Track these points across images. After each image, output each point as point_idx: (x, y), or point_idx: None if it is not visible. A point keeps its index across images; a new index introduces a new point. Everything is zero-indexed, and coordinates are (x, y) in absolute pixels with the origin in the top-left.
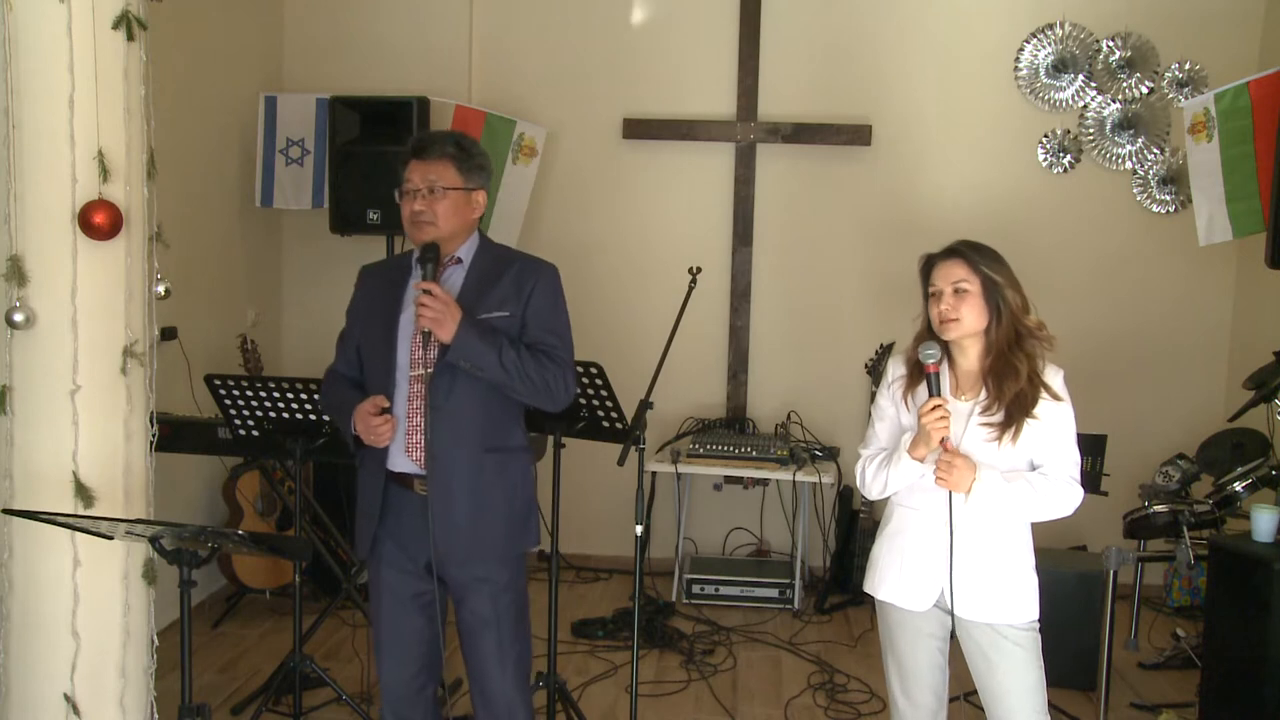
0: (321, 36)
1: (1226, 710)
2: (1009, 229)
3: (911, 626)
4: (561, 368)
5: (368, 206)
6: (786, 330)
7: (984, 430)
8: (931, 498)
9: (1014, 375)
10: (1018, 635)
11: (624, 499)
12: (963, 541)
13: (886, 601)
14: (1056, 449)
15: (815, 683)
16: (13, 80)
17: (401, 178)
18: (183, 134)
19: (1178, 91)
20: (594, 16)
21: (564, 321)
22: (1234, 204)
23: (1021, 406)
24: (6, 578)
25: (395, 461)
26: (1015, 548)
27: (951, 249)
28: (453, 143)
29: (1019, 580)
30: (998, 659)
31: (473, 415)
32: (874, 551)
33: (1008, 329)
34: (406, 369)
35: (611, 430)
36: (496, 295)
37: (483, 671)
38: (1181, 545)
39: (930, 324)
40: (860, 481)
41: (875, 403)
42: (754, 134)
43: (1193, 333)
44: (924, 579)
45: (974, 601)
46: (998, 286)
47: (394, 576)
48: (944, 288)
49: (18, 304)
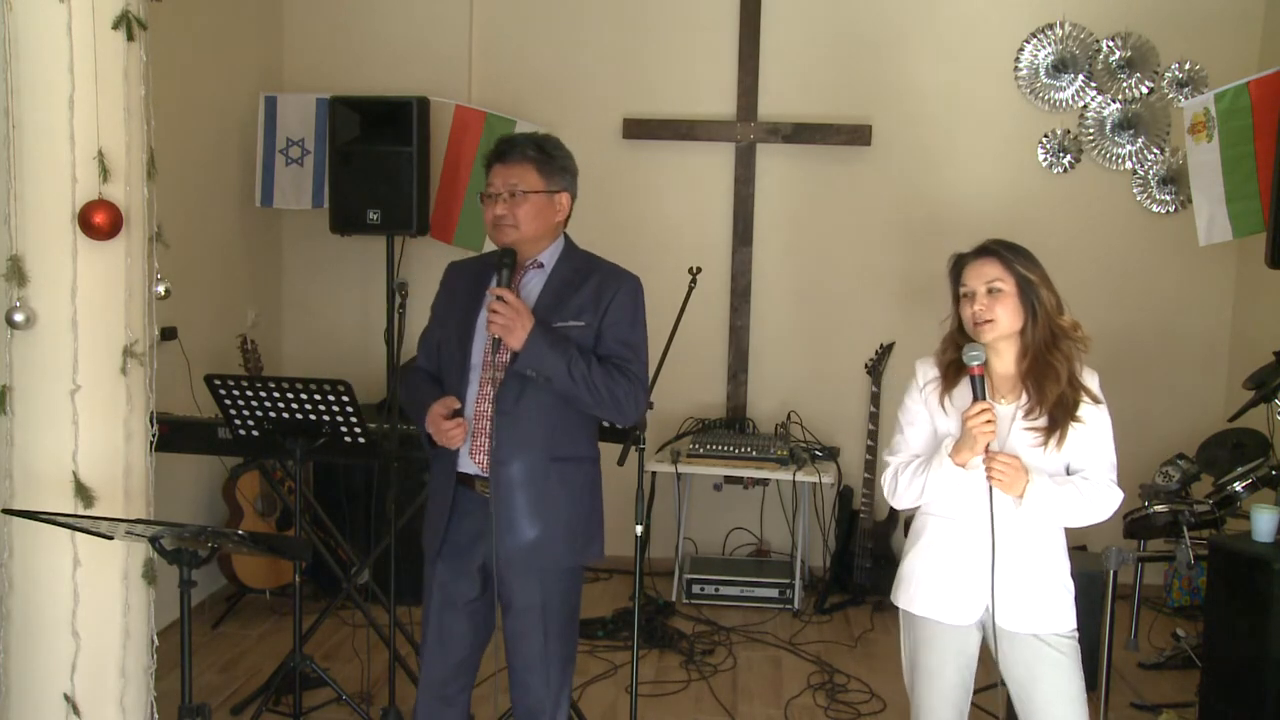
0: (321, 36)
1: (1226, 710)
2: (1009, 229)
3: (942, 643)
4: (633, 382)
5: (368, 206)
6: (786, 330)
7: (1029, 435)
8: (969, 507)
9: (1054, 377)
10: (1062, 644)
11: (624, 499)
12: (1005, 551)
13: (925, 617)
14: (1096, 452)
15: (815, 683)
16: (13, 80)
17: (483, 183)
18: (183, 134)
19: (1178, 91)
20: (594, 17)
21: (641, 335)
22: (1234, 204)
23: (1065, 410)
24: (6, 578)
25: (462, 463)
26: (1054, 554)
27: (984, 247)
28: (534, 145)
29: (1060, 587)
30: (1042, 670)
31: (540, 422)
32: (907, 564)
33: (1044, 330)
34: (479, 368)
35: (611, 430)
36: (575, 304)
37: (526, 678)
38: (1181, 545)
39: (961, 325)
40: (890, 490)
41: (903, 407)
42: (754, 134)
43: (1193, 333)
44: (967, 592)
45: (1018, 612)
46: (1033, 286)
47: (448, 576)
48: (977, 288)
49: (18, 304)
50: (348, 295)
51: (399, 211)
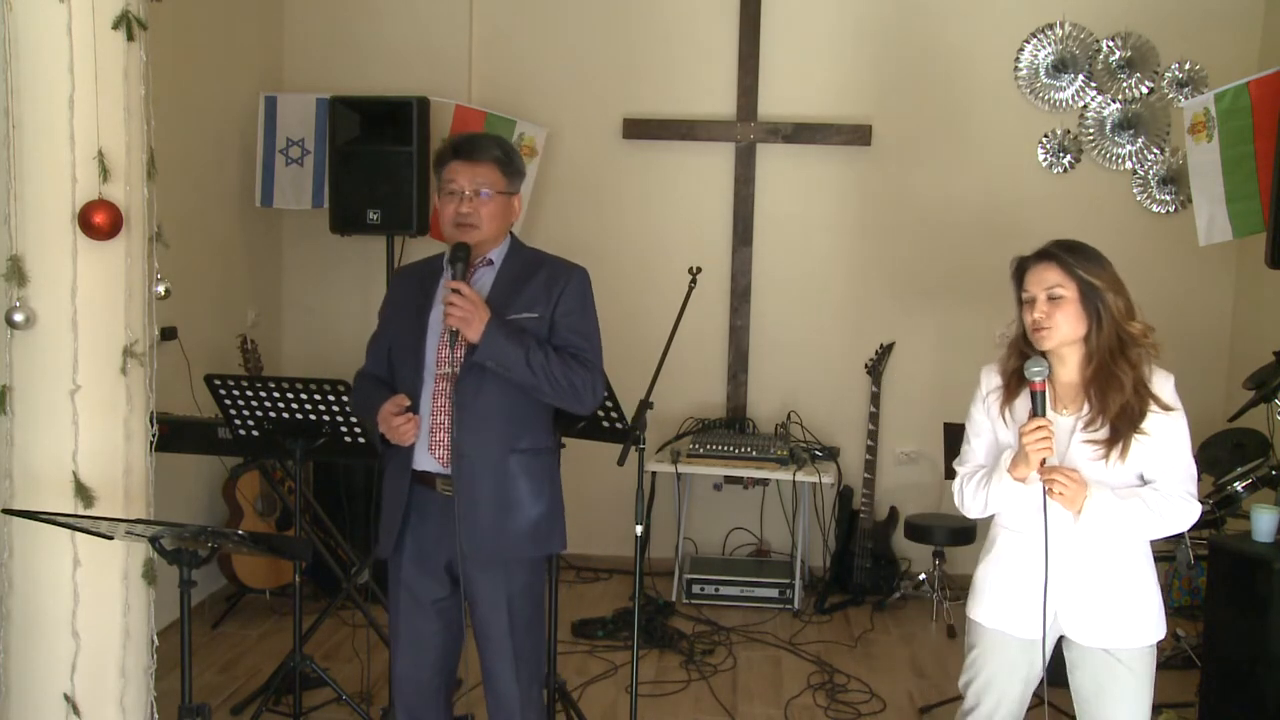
0: (321, 36)
1: (1226, 710)
2: (1009, 229)
3: (1011, 655)
4: (590, 370)
5: (368, 206)
6: (786, 330)
7: (1089, 448)
8: (1035, 519)
9: (1118, 387)
10: (1134, 660)
11: (624, 499)
12: (1075, 563)
13: (993, 629)
14: (1169, 463)
15: (815, 683)
16: (13, 80)
17: (440, 176)
18: (183, 134)
19: (1178, 91)
20: (594, 17)
21: (593, 324)
22: (1234, 204)
23: (1129, 420)
24: (6, 578)
25: (419, 460)
26: (1132, 566)
27: (1044, 251)
28: (498, 145)
29: (1138, 600)
30: (1110, 685)
31: (500, 415)
32: (978, 575)
33: (1109, 336)
34: (433, 367)
35: (611, 430)
36: (526, 296)
37: (496, 672)
38: (1181, 545)
39: (1025, 332)
40: (959, 500)
41: (969, 416)
42: (754, 134)
43: (1193, 333)
44: (1033, 604)
45: (1088, 626)
46: (1096, 290)
47: (414, 577)
48: (1038, 293)
49: (18, 304)
50: (348, 295)
51: (399, 211)
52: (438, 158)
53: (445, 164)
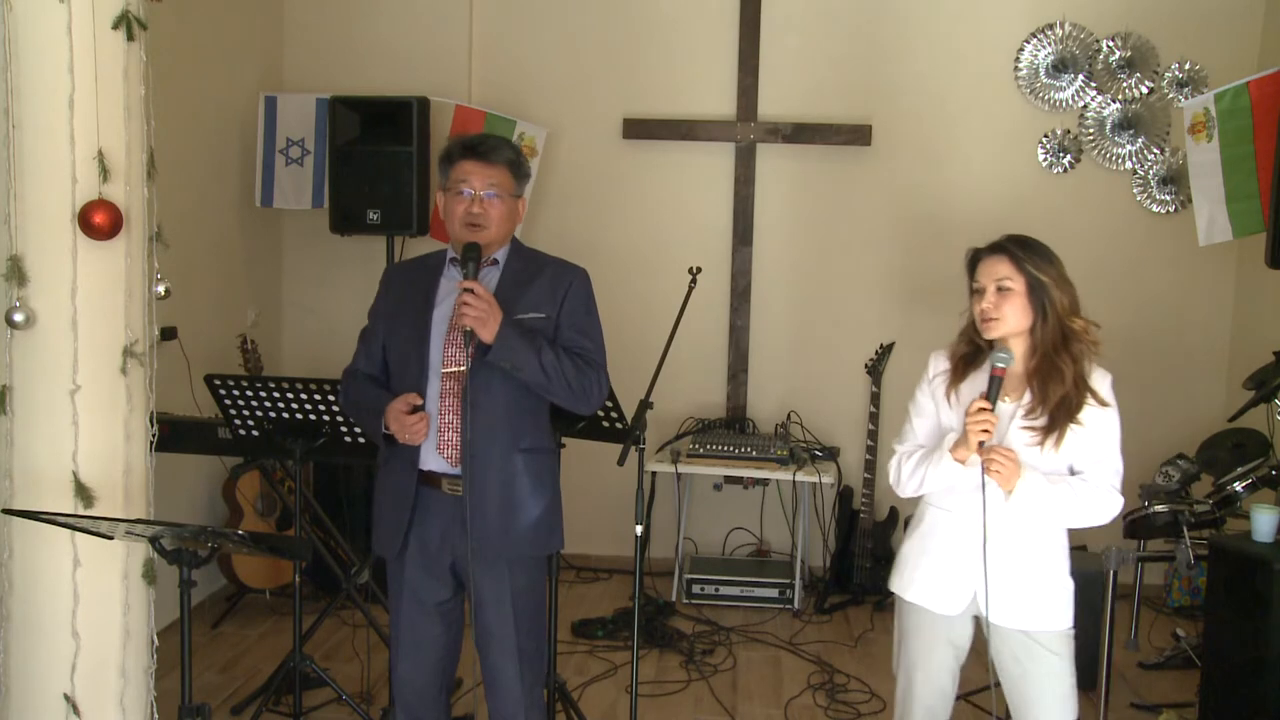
0: (321, 36)
1: (1226, 710)
2: (1009, 229)
3: (932, 631)
4: (596, 370)
5: (368, 206)
6: (786, 330)
7: (1026, 434)
8: (966, 500)
9: (1059, 379)
10: (1052, 642)
11: (624, 499)
12: (998, 546)
13: (914, 603)
14: (1099, 455)
15: (815, 683)
16: (13, 80)
17: (448, 174)
18: (183, 134)
19: (1178, 91)
20: (594, 17)
21: (596, 325)
22: (1234, 204)
23: (1067, 411)
24: (6, 578)
25: (426, 460)
26: (1051, 553)
27: (998, 245)
28: (509, 147)
29: (1054, 586)
30: (1031, 666)
31: (507, 415)
32: (903, 551)
33: (1054, 330)
34: (439, 367)
35: (611, 430)
36: (531, 297)
37: (501, 672)
38: (1181, 545)
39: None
40: (894, 478)
41: (913, 398)
42: (754, 134)
43: (1193, 333)
44: (956, 583)
45: (1008, 608)
46: (1043, 285)
47: (418, 579)
48: (987, 285)
49: (18, 304)
50: (348, 295)
51: (399, 211)
52: (446, 155)
53: (456, 162)
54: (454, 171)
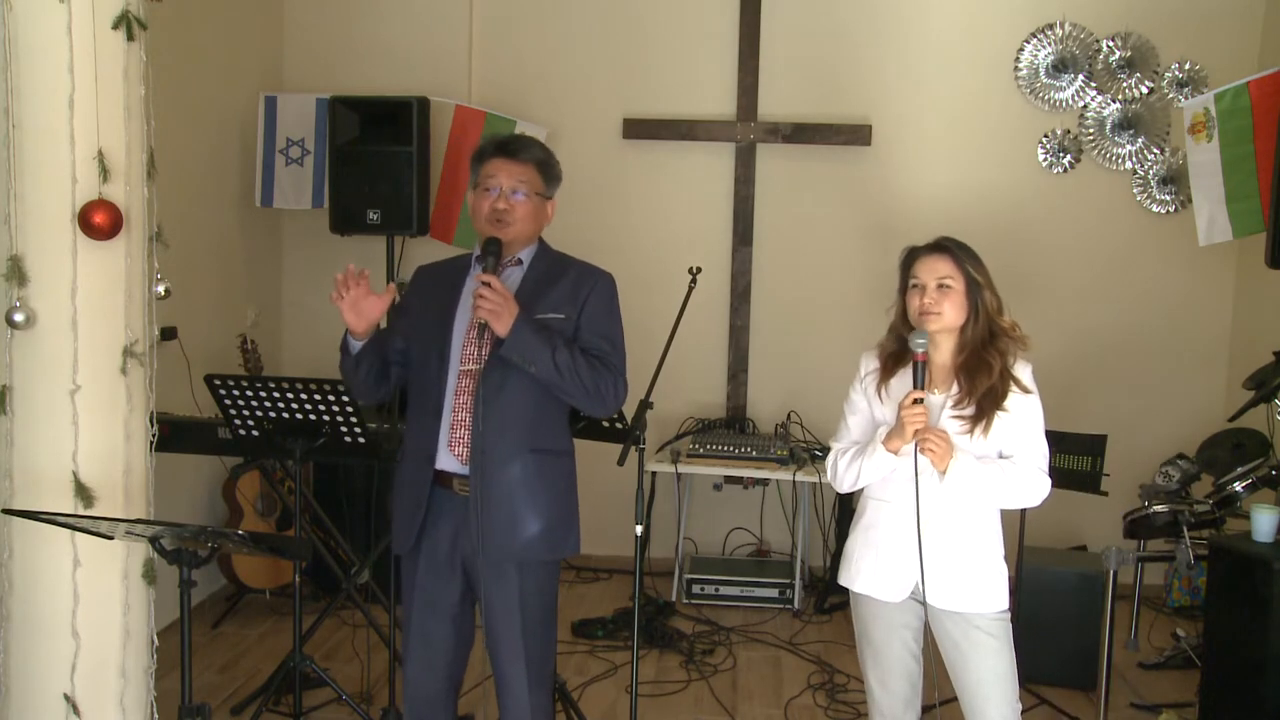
0: (321, 36)
1: (1226, 710)
2: (1009, 229)
3: (885, 618)
4: (613, 373)
5: (368, 206)
6: (786, 330)
7: (956, 423)
8: (902, 490)
9: (987, 372)
10: (989, 624)
11: (624, 499)
12: (933, 532)
13: (862, 594)
14: (1025, 440)
15: (815, 683)
16: (13, 80)
17: (478, 172)
18: (183, 134)
19: (1178, 91)
20: (594, 17)
21: (618, 329)
22: (1234, 204)
23: (993, 400)
24: (6, 578)
25: (439, 459)
26: (984, 538)
27: (939, 244)
28: (540, 148)
29: (988, 570)
30: (969, 649)
31: (522, 413)
32: (848, 545)
33: (983, 328)
34: (459, 364)
35: (611, 430)
36: (553, 297)
37: (509, 676)
38: (1181, 545)
39: (905, 317)
40: (832, 474)
41: (847, 398)
42: (754, 134)
43: (1193, 333)
44: (898, 570)
45: (945, 591)
46: (979, 286)
47: (429, 581)
48: (928, 281)
49: (18, 304)
50: None
51: (399, 211)
52: (478, 154)
53: (486, 160)
54: (484, 169)
